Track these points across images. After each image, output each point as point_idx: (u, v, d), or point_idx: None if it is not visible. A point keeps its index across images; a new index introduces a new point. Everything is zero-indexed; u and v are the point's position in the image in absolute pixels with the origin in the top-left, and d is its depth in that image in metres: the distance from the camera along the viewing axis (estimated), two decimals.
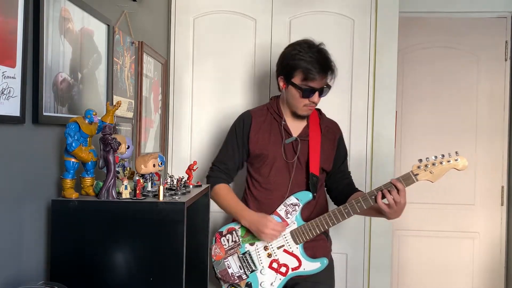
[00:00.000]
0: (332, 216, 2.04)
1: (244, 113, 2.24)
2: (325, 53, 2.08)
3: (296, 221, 2.08)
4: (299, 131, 2.16)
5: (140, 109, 2.30)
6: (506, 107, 3.48)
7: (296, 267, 2.06)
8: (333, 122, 2.29)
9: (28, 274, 1.38)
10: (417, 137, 3.53)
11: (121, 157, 1.60)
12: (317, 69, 2.02)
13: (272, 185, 2.13)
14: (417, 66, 3.54)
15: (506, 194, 3.49)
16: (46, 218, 1.47)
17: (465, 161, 1.98)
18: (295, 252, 2.07)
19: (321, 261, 2.08)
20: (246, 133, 2.16)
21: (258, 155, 2.14)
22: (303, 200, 2.09)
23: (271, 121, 2.17)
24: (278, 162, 2.12)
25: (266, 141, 2.13)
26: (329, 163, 2.19)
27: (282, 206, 2.09)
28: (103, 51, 1.85)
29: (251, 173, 2.21)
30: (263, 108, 2.23)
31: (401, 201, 1.97)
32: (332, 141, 2.21)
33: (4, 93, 1.21)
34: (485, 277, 3.52)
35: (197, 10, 2.85)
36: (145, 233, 1.40)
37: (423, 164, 1.99)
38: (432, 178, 1.99)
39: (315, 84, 2.04)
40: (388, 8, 2.77)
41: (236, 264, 2.09)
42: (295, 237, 2.07)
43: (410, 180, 1.98)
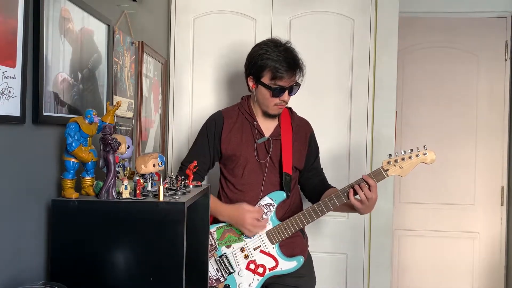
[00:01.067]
0: (306, 215, 2.06)
1: (215, 114, 2.22)
2: (292, 51, 2.08)
3: (271, 221, 2.09)
4: (271, 131, 2.16)
5: (140, 109, 2.30)
6: (506, 107, 3.48)
7: (273, 267, 2.07)
8: (303, 120, 2.29)
9: (28, 274, 1.38)
10: (417, 137, 3.53)
11: (121, 157, 1.60)
12: (285, 68, 2.02)
13: (246, 185, 2.13)
14: (417, 66, 3.54)
15: (506, 194, 3.49)
16: (46, 218, 1.47)
17: (433, 155, 2.03)
18: (272, 252, 2.08)
19: (297, 259, 2.09)
20: (218, 134, 2.15)
21: (230, 156, 2.14)
22: (277, 200, 2.10)
23: (242, 121, 2.17)
24: (250, 163, 2.13)
25: (238, 142, 2.13)
26: (301, 161, 2.20)
27: (256, 206, 2.10)
28: (103, 51, 1.85)
29: (224, 174, 2.20)
30: (234, 108, 2.22)
31: (373, 196, 1.99)
32: (304, 139, 2.21)
33: (4, 93, 1.21)
34: (485, 277, 3.52)
35: (197, 10, 2.85)
36: (145, 233, 1.40)
37: (392, 160, 2.03)
38: (402, 172, 2.03)
39: (284, 82, 2.04)
40: (388, 8, 2.77)
41: (213, 268, 2.10)
42: (270, 237, 2.08)
43: (380, 175, 2.02)
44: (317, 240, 2.69)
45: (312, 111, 2.48)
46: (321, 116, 2.72)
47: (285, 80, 2.04)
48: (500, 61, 3.48)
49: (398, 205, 3.51)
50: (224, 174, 2.20)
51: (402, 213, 3.55)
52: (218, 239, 2.12)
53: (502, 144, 3.49)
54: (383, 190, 2.76)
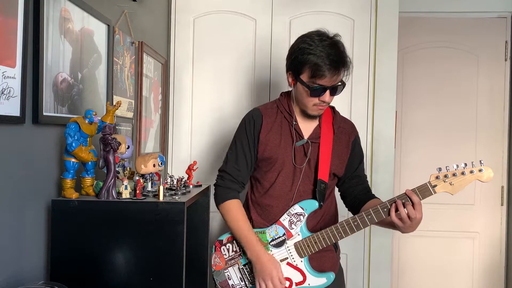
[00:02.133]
0: (340, 229, 1.85)
1: (253, 111, 1.99)
2: (338, 47, 1.84)
3: (300, 232, 1.90)
4: (310, 132, 1.96)
5: (140, 109, 2.30)
6: (506, 106, 3.48)
7: (300, 281, 1.90)
8: (348, 121, 2.09)
9: (28, 274, 1.38)
10: (417, 137, 3.53)
11: (121, 157, 1.60)
12: (327, 66, 1.79)
13: (277, 191, 1.93)
14: (417, 66, 3.54)
15: (506, 194, 3.49)
16: (46, 218, 1.47)
17: (490, 172, 1.77)
18: (299, 265, 1.90)
19: (327, 276, 1.90)
20: (257, 133, 1.93)
21: (267, 159, 1.94)
22: (309, 210, 1.91)
23: (281, 121, 1.96)
24: (286, 167, 1.93)
25: (276, 144, 1.93)
26: (342, 168, 1.99)
27: (286, 215, 1.91)
28: (103, 51, 1.85)
29: (256, 176, 2.00)
30: (273, 106, 2.00)
31: (417, 216, 1.77)
32: (346, 143, 2.00)
33: (4, 93, 1.21)
34: (485, 277, 3.52)
35: (197, 10, 2.85)
36: (145, 233, 1.40)
37: (442, 174, 1.78)
38: (452, 190, 1.79)
39: (325, 81, 1.81)
40: (388, 8, 2.77)
41: (237, 276, 1.93)
42: (299, 250, 1.89)
43: (427, 192, 1.79)
44: None
45: None
46: None
47: (327, 79, 1.81)
48: (500, 61, 3.48)
49: None
50: (256, 176, 2.00)
51: None
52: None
53: (502, 144, 3.49)
54: (383, 190, 2.76)
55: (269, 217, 1.94)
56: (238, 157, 1.94)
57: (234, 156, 1.95)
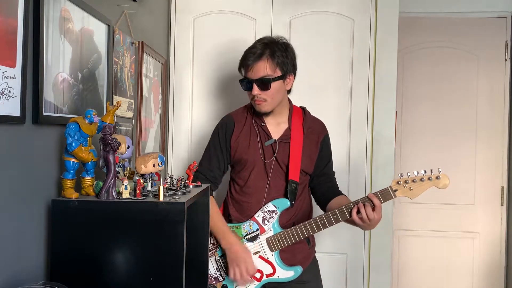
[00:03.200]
0: (308, 227, 2.03)
1: (226, 118, 2.17)
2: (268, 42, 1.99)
3: (272, 228, 2.06)
4: (280, 134, 2.10)
5: (140, 109, 2.30)
6: (506, 107, 3.48)
7: (270, 274, 2.06)
8: (318, 121, 2.22)
9: (28, 274, 1.38)
10: (417, 137, 3.53)
11: (121, 157, 1.60)
12: (248, 56, 1.94)
13: (251, 188, 2.09)
14: (417, 66, 3.54)
15: (506, 194, 3.49)
16: (46, 218, 1.47)
17: (446, 180, 1.91)
18: (270, 259, 2.06)
19: (294, 269, 2.07)
20: (228, 138, 2.11)
21: (238, 160, 2.11)
22: (281, 208, 2.07)
23: (250, 123, 2.11)
24: (257, 166, 2.08)
25: (245, 146, 2.09)
26: (311, 166, 2.13)
27: (260, 212, 2.08)
28: (103, 51, 1.85)
29: (232, 176, 2.18)
30: (244, 111, 2.16)
31: (375, 217, 1.93)
32: (315, 143, 2.14)
33: (4, 93, 1.21)
34: (485, 277, 3.52)
35: (197, 10, 2.85)
36: (145, 233, 1.40)
37: (403, 180, 1.93)
38: (411, 195, 1.93)
39: (250, 73, 1.96)
40: (388, 8, 2.77)
41: (213, 266, 2.10)
42: (270, 245, 2.06)
43: (388, 195, 1.94)
44: (317, 240, 2.69)
45: (311, 111, 2.47)
46: (320, 116, 2.70)
47: (251, 70, 1.96)
48: (500, 61, 3.48)
49: (398, 205, 3.51)
50: (232, 176, 2.18)
51: (402, 213, 3.55)
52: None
53: (502, 144, 3.49)
54: None
55: (245, 212, 2.11)
56: (211, 159, 2.13)
57: (208, 159, 2.15)
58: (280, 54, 2.00)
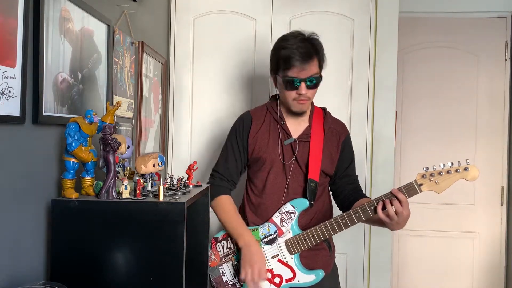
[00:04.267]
0: (328, 227, 1.92)
1: (244, 114, 2.11)
2: (309, 41, 1.92)
3: (291, 230, 1.97)
4: (300, 132, 2.03)
5: (140, 109, 2.30)
6: (506, 107, 3.48)
7: (290, 278, 1.96)
8: (339, 122, 2.14)
9: (28, 274, 1.38)
10: (417, 137, 3.53)
11: (121, 157, 1.60)
12: (296, 56, 1.86)
13: (269, 189, 2.01)
14: (417, 66, 3.54)
15: (506, 194, 3.49)
16: (46, 218, 1.47)
17: (475, 171, 1.78)
18: (290, 262, 1.96)
19: (316, 273, 1.97)
20: (246, 135, 2.03)
21: (256, 159, 2.02)
22: (299, 208, 1.97)
23: (270, 121, 2.04)
24: (276, 166, 2.01)
25: (264, 144, 2.01)
26: (332, 167, 2.05)
27: (277, 213, 1.99)
28: (103, 51, 1.85)
29: (249, 176, 2.10)
30: (263, 108, 2.09)
31: (404, 212, 1.80)
32: (336, 143, 2.06)
33: (4, 93, 1.21)
34: (485, 277, 3.52)
35: (197, 10, 2.85)
36: (145, 233, 1.40)
37: (428, 173, 1.80)
38: (438, 189, 1.80)
39: (297, 73, 1.87)
40: (388, 8, 2.78)
41: (230, 272, 2.01)
42: (289, 247, 1.96)
43: (413, 190, 1.81)
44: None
45: None
46: None
47: (297, 69, 1.87)
48: (500, 61, 3.48)
49: None
50: (249, 176, 2.09)
51: None
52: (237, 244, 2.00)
53: (502, 144, 3.49)
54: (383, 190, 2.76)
55: (262, 214, 2.02)
56: (228, 158, 2.06)
57: (225, 157, 2.07)
58: (322, 52, 1.98)
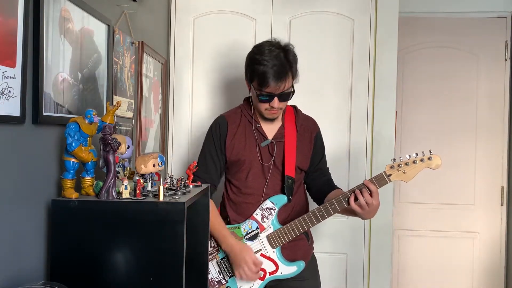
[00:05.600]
0: (307, 220, 2.03)
1: (218, 119, 2.17)
2: (285, 56, 1.98)
3: (272, 225, 2.07)
4: (274, 133, 2.11)
5: (140, 109, 2.30)
6: (506, 107, 3.48)
7: (273, 271, 2.07)
8: (309, 118, 2.23)
9: (28, 274, 1.38)
10: (417, 137, 3.53)
11: (121, 157, 1.60)
12: (271, 76, 1.93)
13: (249, 189, 2.10)
14: (417, 66, 3.54)
15: (506, 194, 3.49)
16: (46, 218, 1.47)
17: (438, 160, 1.93)
18: (272, 256, 2.07)
19: (297, 264, 2.07)
20: (223, 140, 2.10)
21: (235, 161, 2.10)
22: (279, 204, 2.07)
23: (245, 124, 2.12)
24: (254, 167, 2.09)
25: (242, 146, 2.09)
26: (306, 162, 2.15)
27: (258, 210, 2.08)
28: (103, 51, 1.85)
29: (228, 177, 2.18)
30: (237, 111, 2.16)
31: (374, 202, 1.94)
32: (308, 139, 2.16)
33: (4, 93, 1.21)
34: (485, 277, 3.52)
35: (197, 10, 2.85)
36: (145, 233, 1.40)
37: (396, 164, 1.96)
38: (405, 178, 1.95)
39: (271, 89, 1.95)
40: (388, 8, 2.78)
41: (215, 269, 2.10)
42: (271, 241, 2.06)
43: (383, 181, 1.96)
44: (317, 240, 2.69)
45: (311, 111, 2.47)
46: (321, 116, 2.70)
47: (272, 87, 1.95)
48: (500, 61, 3.48)
49: (398, 205, 3.51)
50: (228, 178, 2.18)
51: (402, 213, 3.55)
52: None
53: (502, 144, 3.49)
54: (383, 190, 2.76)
55: (243, 213, 2.11)
56: (207, 162, 2.12)
57: (204, 162, 2.12)
58: (295, 66, 2.02)
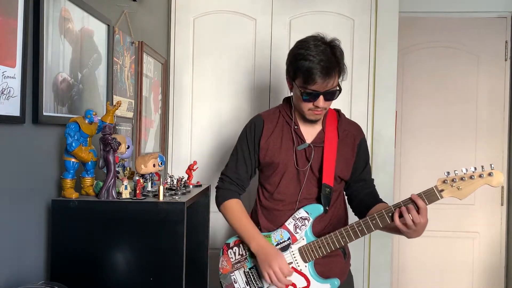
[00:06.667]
0: (344, 234, 1.83)
1: (255, 117, 2.02)
2: (332, 52, 1.84)
3: (305, 236, 1.88)
4: (314, 137, 1.95)
5: (140, 109, 2.30)
6: (506, 107, 3.48)
7: (304, 287, 1.88)
8: (353, 124, 2.05)
9: (28, 274, 1.38)
10: (417, 137, 3.53)
11: (121, 157, 1.60)
12: (318, 72, 1.77)
13: (282, 195, 1.93)
14: (417, 66, 3.54)
15: (506, 194, 3.49)
16: (46, 218, 1.47)
17: (500, 177, 1.69)
18: (304, 270, 1.88)
19: (331, 282, 1.89)
20: (257, 139, 1.95)
21: (269, 163, 1.95)
22: (314, 214, 1.89)
23: (283, 125, 1.97)
24: (289, 171, 1.93)
25: (277, 148, 1.93)
26: (347, 171, 1.97)
27: (291, 219, 1.90)
28: (103, 51, 1.85)
29: (261, 181, 2.02)
30: (276, 111, 2.01)
31: (421, 221, 1.74)
32: (351, 146, 1.98)
33: (4, 93, 1.21)
34: (485, 277, 3.52)
35: (197, 10, 2.85)
36: (145, 233, 1.40)
37: (449, 179, 1.71)
38: (460, 195, 1.72)
39: (317, 87, 1.80)
40: (388, 8, 2.77)
41: (242, 279, 1.93)
42: (303, 255, 1.88)
43: (434, 197, 1.73)
44: None
45: None
46: None
47: (318, 84, 1.79)
48: (500, 61, 3.48)
49: None
50: (261, 182, 2.02)
51: None
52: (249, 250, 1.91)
53: (502, 144, 3.48)
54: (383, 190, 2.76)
55: (275, 220, 1.94)
56: (238, 162, 1.98)
57: (235, 161, 1.99)
58: (343, 62, 1.89)
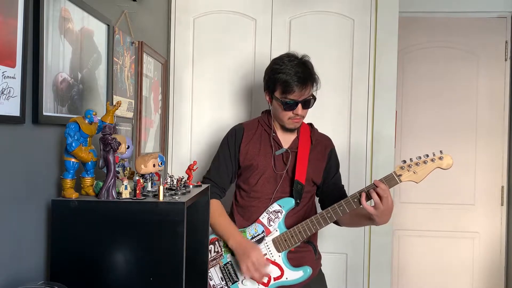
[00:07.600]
0: (314, 221, 1.99)
1: (236, 126, 2.23)
2: (305, 65, 2.06)
3: (278, 228, 2.03)
4: (289, 143, 2.15)
5: (140, 109, 2.30)
6: (506, 107, 3.48)
7: (278, 276, 2.00)
8: (324, 136, 2.27)
9: (28, 274, 1.38)
10: (417, 137, 3.53)
11: (121, 157, 1.60)
12: (295, 82, 1.99)
13: (258, 193, 2.10)
14: (417, 66, 3.54)
15: (506, 194, 3.49)
16: (46, 218, 1.47)
17: (449, 159, 1.91)
18: (277, 260, 2.01)
19: (303, 269, 2.01)
20: (237, 145, 2.14)
21: (248, 166, 2.12)
22: (286, 207, 2.04)
23: (261, 133, 2.16)
24: (267, 173, 2.11)
25: (256, 152, 2.12)
26: (319, 175, 2.16)
27: (264, 213, 2.06)
28: (103, 51, 1.85)
29: (238, 183, 2.20)
30: (255, 121, 2.22)
31: (388, 197, 1.87)
32: (322, 153, 2.18)
33: (4, 93, 1.21)
34: (485, 277, 3.52)
35: (197, 10, 2.85)
36: (145, 233, 1.40)
37: (406, 165, 1.93)
38: (416, 178, 1.93)
39: (295, 96, 2.01)
40: (388, 8, 2.77)
41: (218, 276, 2.05)
42: (277, 245, 2.02)
43: (393, 181, 1.92)
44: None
45: (311, 111, 2.48)
46: (321, 117, 2.72)
47: (296, 93, 2.01)
48: (500, 61, 3.48)
49: (398, 205, 3.51)
50: (238, 184, 2.19)
51: (402, 213, 3.55)
52: (225, 246, 2.07)
53: (502, 144, 3.49)
54: None
55: (250, 217, 2.10)
56: (220, 166, 2.17)
57: (217, 166, 2.18)
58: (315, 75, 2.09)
